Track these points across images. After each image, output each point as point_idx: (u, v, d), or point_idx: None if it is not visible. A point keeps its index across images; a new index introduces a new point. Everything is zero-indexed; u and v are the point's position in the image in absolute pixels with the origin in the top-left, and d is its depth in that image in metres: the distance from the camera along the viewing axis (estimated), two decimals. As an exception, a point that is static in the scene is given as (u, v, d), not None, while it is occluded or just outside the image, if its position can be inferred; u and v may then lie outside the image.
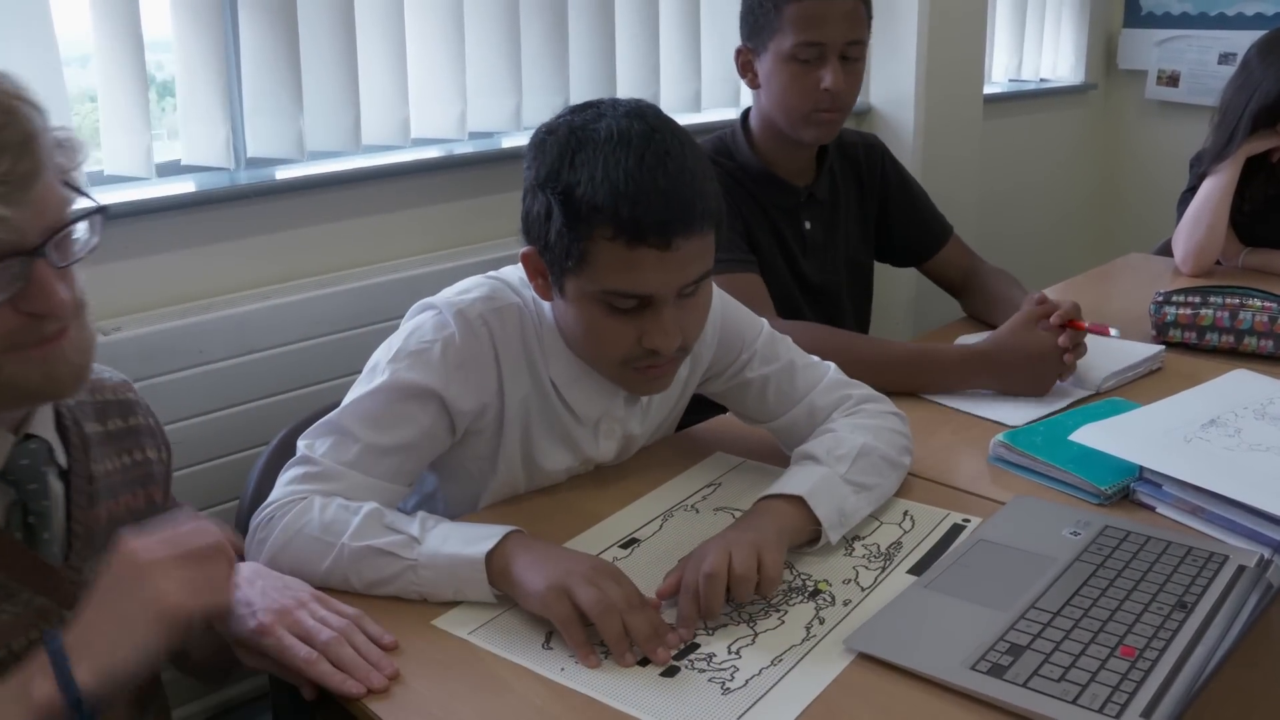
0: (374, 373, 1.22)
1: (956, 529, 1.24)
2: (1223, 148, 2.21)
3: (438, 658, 1.01)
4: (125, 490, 1.06)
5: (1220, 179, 2.20)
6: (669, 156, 1.11)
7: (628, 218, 1.09)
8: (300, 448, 1.19)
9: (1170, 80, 3.84)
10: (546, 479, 1.34)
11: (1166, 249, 2.38)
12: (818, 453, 1.25)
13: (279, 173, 1.93)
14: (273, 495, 1.16)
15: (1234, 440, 1.32)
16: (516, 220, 1.21)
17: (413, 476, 1.24)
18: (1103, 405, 1.52)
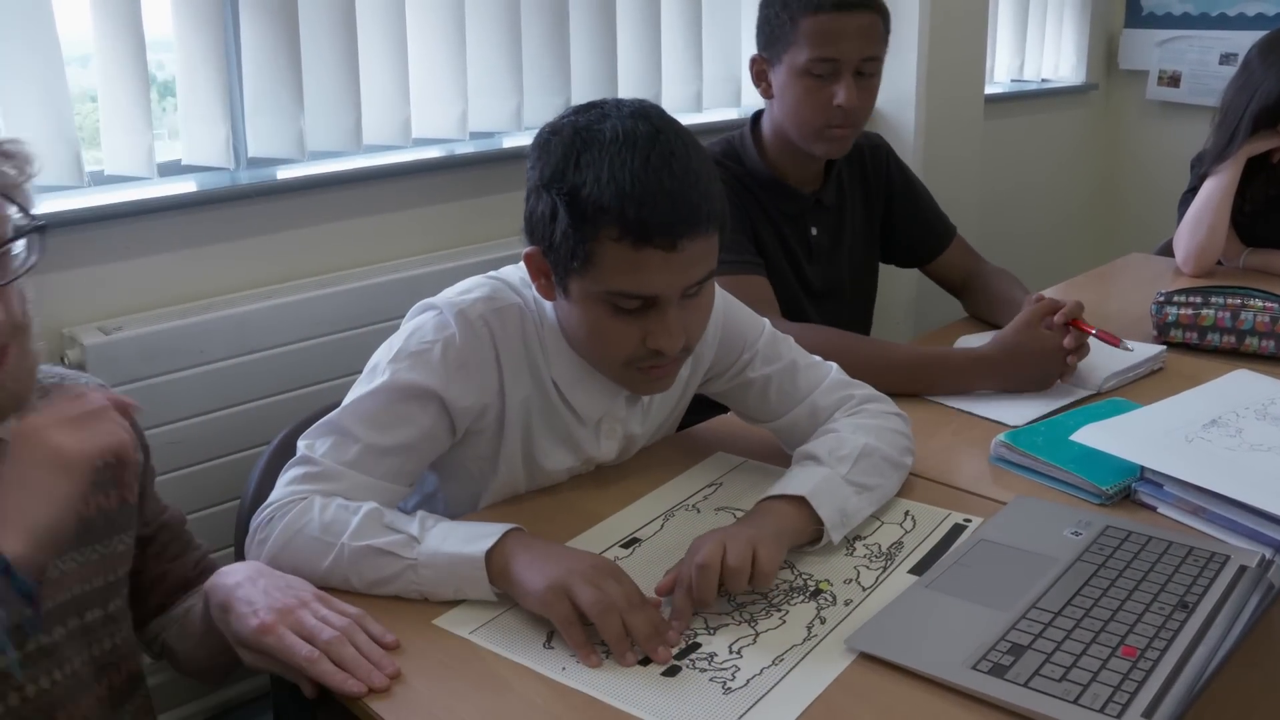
0: (374, 373, 1.22)
1: (958, 529, 1.24)
2: (1224, 148, 2.21)
3: (439, 657, 1.01)
4: (97, 491, 1.07)
5: (1221, 179, 2.19)
6: (674, 157, 1.11)
7: (634, 219, 1.09)
8: (300, 448, 1.19)
9: (1171, 81, 3.84)
10: (547, 479, 1.34)
11: (1167, 249, 2.38)
12: (819, 453, 1.25)
13: (280, 173, 1.93)
14: (273, 495, 1.16)
15: (1235, 440, 1.32)
16: (518, 220, 1.20)
17: (413, 477, 1.24)
18: (1104, 405, 1.52)
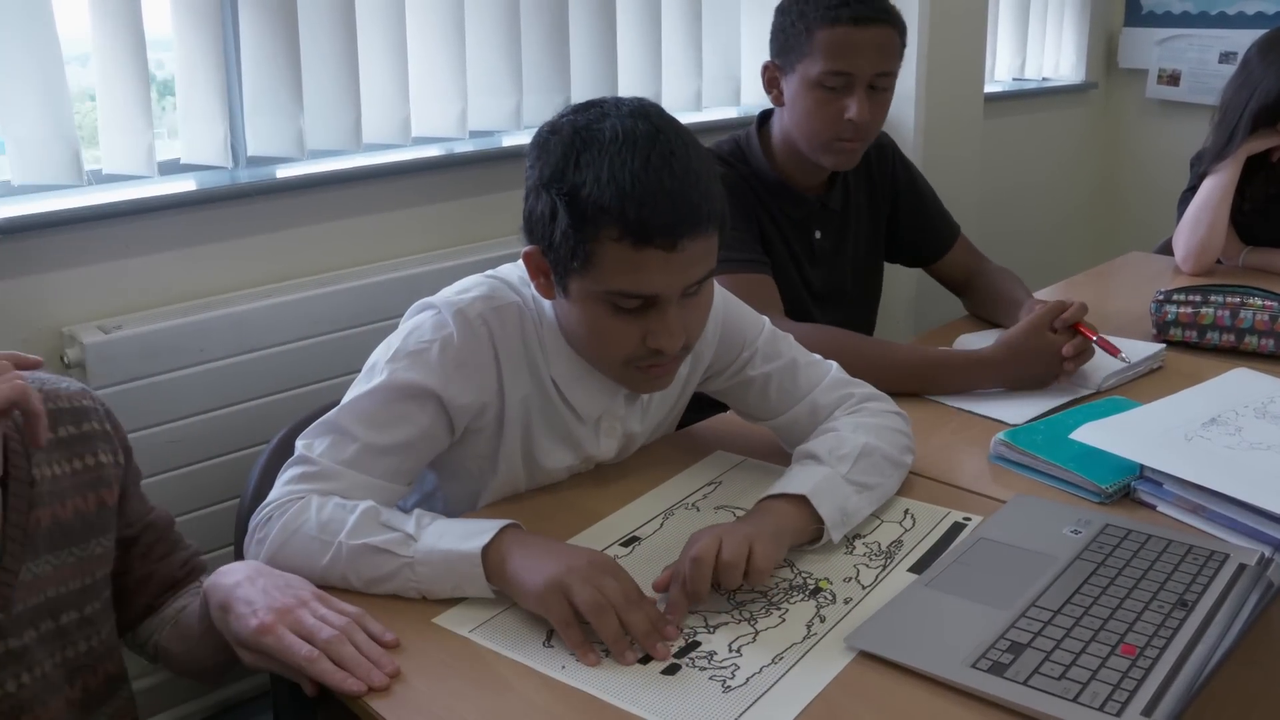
0: (372, 373, 1.21)
1: (957, 527, 1.24)
2: (1223, 147, 2.21)
3: (439, 656, 1.01)
4: (74, 494, 1.08)
5: (1221, 178, 2.19)
6: (674, 157, 1.11)
7: (634, 219, 1.08)
8: (298, 448, 1.19)
9: (1171, 79, 3.84)
10: (547, 477, 1.34)
11: (1167, 248, 2.38)
12: (819, 452, 1.25)
13: (279, 171, 1.93)
14: (271, 495, 1.16)
15: (1235, 439, 1.32)
16: (517, 219, 1.20)
17: (411, 476, 1.24)
18: (1103, 404, 1.52)
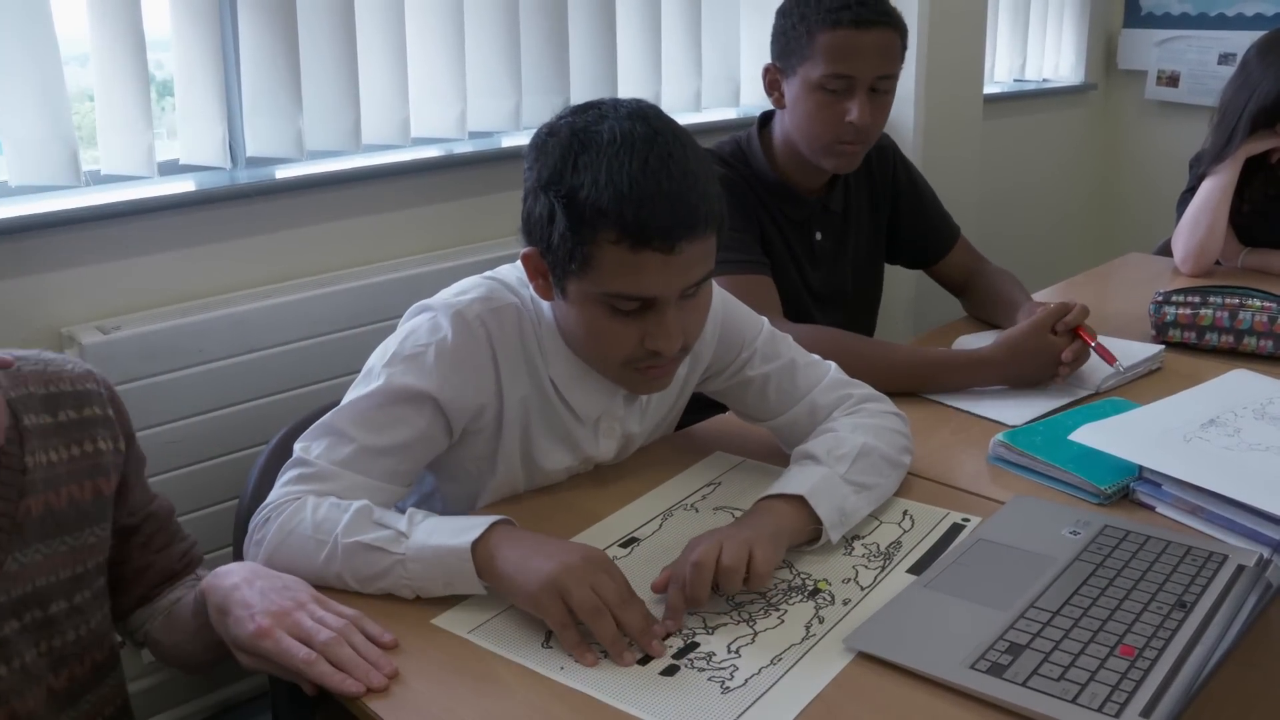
0: (369, 377, 1.21)
1: (956, 528, 1.24)
2: (1222, 148, 2.21)
3: (437, 657, 1.01)
4: (70, 480, 1.06)
5: (1220, 179, 2.19)
6: (672, 159, 1.11)
7: (632, 222, 1.08)
8: (296, 450, 1.19)
9: (1170, 80, 3.84)
10: (546, 478, 1.34)
11: (1166, 249, 2.38)
12: (818, 452, 1.25)
13: (278, 172, 1.93)
14: (269, 497, 1.16)
15: (1233, 440, 1.32)
16: (516, 220, 1.20)
17: (409, 477, 1.24)
18: (1102, 405, 1.52)
